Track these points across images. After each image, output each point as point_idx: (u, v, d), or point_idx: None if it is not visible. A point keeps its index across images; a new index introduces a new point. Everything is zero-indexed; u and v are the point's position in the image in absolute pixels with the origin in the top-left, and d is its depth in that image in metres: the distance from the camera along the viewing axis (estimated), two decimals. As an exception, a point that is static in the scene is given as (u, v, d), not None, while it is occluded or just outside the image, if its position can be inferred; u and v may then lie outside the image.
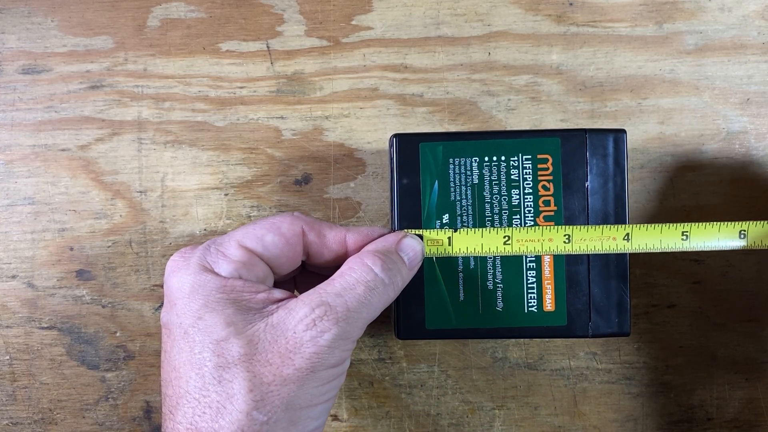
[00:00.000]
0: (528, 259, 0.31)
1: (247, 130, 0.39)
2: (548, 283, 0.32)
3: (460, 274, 0.32)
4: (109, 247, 0.39)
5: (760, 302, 0.38)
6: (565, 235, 0.30)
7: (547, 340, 0.38)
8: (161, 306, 0.39)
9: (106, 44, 0.39)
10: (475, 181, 0.31)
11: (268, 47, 0.39)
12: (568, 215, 0.31)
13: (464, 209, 0.31)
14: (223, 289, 0.28)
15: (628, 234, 0.30)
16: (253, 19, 0.39)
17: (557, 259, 0.31)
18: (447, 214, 0.31)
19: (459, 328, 0.32)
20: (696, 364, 0.38)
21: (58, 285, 0.39)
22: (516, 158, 0.31)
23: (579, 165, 0.31)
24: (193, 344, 0.27)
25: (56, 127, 0.39)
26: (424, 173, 0.32)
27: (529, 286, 0.32)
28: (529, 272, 0.31)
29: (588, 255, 0.31)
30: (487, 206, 0.31)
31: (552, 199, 0.31)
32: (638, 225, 0.31)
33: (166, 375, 0.28)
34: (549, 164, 0.31)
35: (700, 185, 0.38)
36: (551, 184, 0.31)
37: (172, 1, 0.39)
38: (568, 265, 0.31)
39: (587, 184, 0.31)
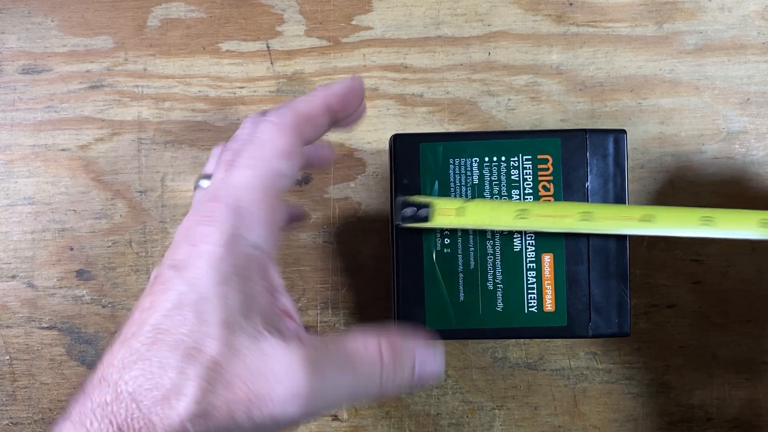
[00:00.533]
0: (528, 259, 0.31)
1: (247, 130, 0.39)
2: (548, 284, 0.31)
3: (460, 275, 0.31)
4: (109, 247, 0.39)
5: (760, 302, 0.38)
6: (583, 212, 0.30)
7: (547, 340, 0.38)
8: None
9: (106, 44, 0.39)
10: (475, 181, 0.31)
11: (268, 47, 0.39)
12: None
13: None
14: (247, 281, 0.24)
15: (649, 216, 0.30)
16: (253, 19, 0.39)
17: (557, 259, 0.31)
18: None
19: (459, 329, 0.32)
20: (696, 364, 0.38)
21: (58, 285, 0.39)
22: (516, 158, 0.31)
23: (579, 165, 0.31)
24: (182, 321, 0.24)
25: (56, 127, 0.39)
26: (424, 173, 0.31)
27: (529, 286, 0.32)
28: (529, 272, 0.31)
29: (588, 255, 0.31)
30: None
31: (552, 200, 0.31)
32: (660, 207, 0.30)
33: (139, 328, 0.24)
34: (549, 164, 0.31)
35: (700, 185, 0.38)
36: (551, 184, 0.31)
37: (172, 1, 0.39)
38: (569, 265, 0.31)
39: (587, 184, 0.31)
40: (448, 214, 0.30)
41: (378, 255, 0.37)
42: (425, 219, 0.31)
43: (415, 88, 0.38)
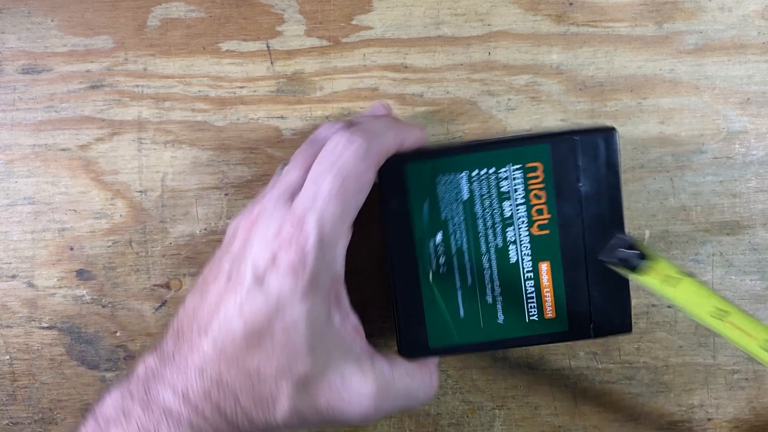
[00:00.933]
0: (525, 269, 0.31)
1: (247, 130, 0.39)
2: (547, 291, 0.31)
3: (459, 291, 0.31)
4: (109, 247, 0.39)
5: (760, 302, 0.38)
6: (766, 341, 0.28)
7: (547, 340, 0.38)
8: (161, 306, 0.39)
9: (106, 44, 0.39)
10: (465, 196, 0.30)
11: (268, 47, 0.39)
12: (563, 222, 0.30)
13: (456, 226, 0.31)
14: (327, 309, 0.28)
15: None
16: (253, 19, 0.39)
17: (554, 266, 0.31)
18: (440, 232, 0.31)
19: (462, 344, 0.32)
20: (696, 364, 0.38)
21: (58, 285, 0.39)
22: (506, 169, 0.30)
23: (571, 170, 0.30)
24: (274, 339, 0.27)
25: (56, 127, 0.39)
26: (412, 194, 0.30)
27: (528, 296, 0.31)
28: (527, 282, 0.31)
29: (586, 257, 0.31)
30: (480, 221, 0.30)
31: (545, 207, 0.30)
32: None
33: (226, 329, 0.27)
34: (540, 171, 0.30)
35: (700, 185, 0.38)
36: (543, 192, 0.30)
37: (172, 1, 0.39)
38: (566, 270, 0.31)
39: (580, 188, 0.30)
40: (660, 278, 0.30)
41: (378, 255, 0.37)
42: (634, 269, 0.30)
43: (415, 88, 0.38)
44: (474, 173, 0.30)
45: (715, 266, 0.38)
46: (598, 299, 0.31)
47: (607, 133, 0.30)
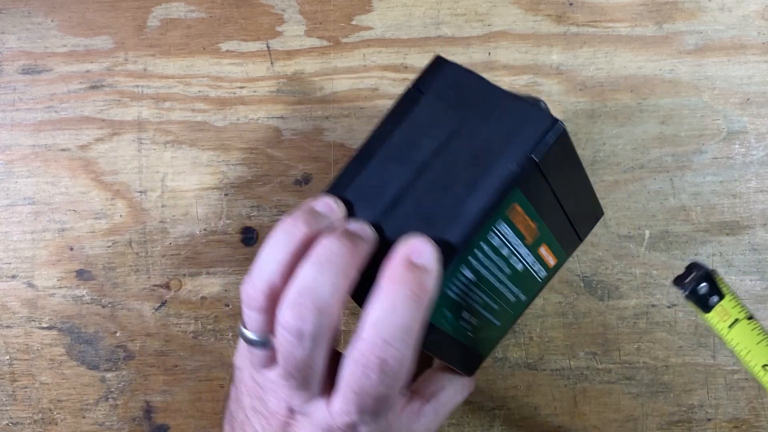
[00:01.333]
0: (532, 265, 0.31)
1: (247, 130, 0.39)
2: (548, 256, 0.32)
3: (494, 320, 0.32)
4: (109, 247, 0.39)
5: (760, 301, 0.38)
6: None
7: (546, 339, 0.38)
8: (161, 306, 0.39)
9: (106, 44, 0.39)
10: (473, 278, 0.30)
11: (268, 47, 0.39)
12: (548, 218, 0.30)
13: (475, 298, 0.30)
14: None
15: None
16: (253, 19, 0.39)
17: (550, 243, 0.31)
18: (464, 311, 0.30)
19: (503, 335, 0.34)
20: (696, 364, 0.38)
21: (58, 285, 0.39)
22: (493, 234, 0.29)
23: (544, 192, 0.30)
24: None
25: (56, 127, 0.39)
26: (439, 321, 0.30)
27: (536, 271, 0.32)
28: (533, 267, 0.32)
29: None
30: (490, 277, 0.30)
31: (531, 223, 0.30)
32: None
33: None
34: (519, 209, 0.29)
35: (700, 185, 0.38)
36: (527, 217, 0.30)
37: (172, 1, 0.39)
38: (558, 235, 0.31)
39: (557, 197, 0.30)
40: (723, 318, 0.30)
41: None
42: (704, 307, 0.30)
43: (415, 88, 0.38)
44: (473, 261, 0.29)
45: (715, 266, 0.38)
46: (577, 219, 0.32)
47: (556, 135, 0.28)
